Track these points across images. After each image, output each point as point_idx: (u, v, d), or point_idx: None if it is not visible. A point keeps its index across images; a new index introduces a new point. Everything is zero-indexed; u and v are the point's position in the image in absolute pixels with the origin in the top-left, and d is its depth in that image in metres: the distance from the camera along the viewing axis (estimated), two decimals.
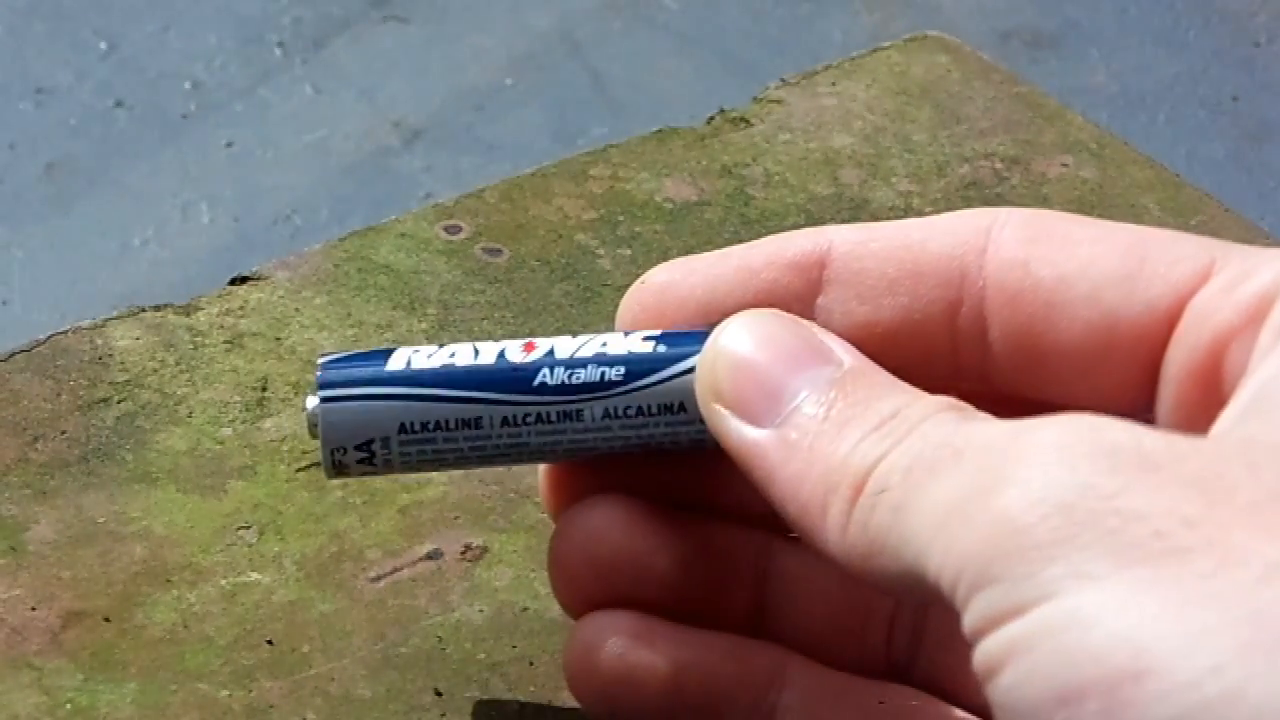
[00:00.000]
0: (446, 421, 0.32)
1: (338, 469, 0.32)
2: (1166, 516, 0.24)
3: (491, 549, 0.38)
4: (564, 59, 1.56)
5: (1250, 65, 1.53)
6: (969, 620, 0.25)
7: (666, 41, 1.54)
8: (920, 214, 0.49)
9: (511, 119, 1.50)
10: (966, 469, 0.27)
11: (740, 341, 0.31)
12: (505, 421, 0.32)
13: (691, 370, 0.31)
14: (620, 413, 0.32)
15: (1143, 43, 1.55)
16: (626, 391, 0.32)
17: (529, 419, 0.32)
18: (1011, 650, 0.24)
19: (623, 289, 0.34)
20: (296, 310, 0.44)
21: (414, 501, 0.39)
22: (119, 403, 0.41)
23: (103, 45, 1.60)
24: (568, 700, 0.34)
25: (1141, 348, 0.31)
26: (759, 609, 0.34)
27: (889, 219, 0.48)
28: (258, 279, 0.45)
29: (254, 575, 0.37)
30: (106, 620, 0.35)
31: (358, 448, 0.32)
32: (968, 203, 0.49)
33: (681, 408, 0.32)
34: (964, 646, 0.32)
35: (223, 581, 0.36)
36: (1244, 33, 1.57)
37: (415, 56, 1.61)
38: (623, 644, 0.32)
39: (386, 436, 0.31)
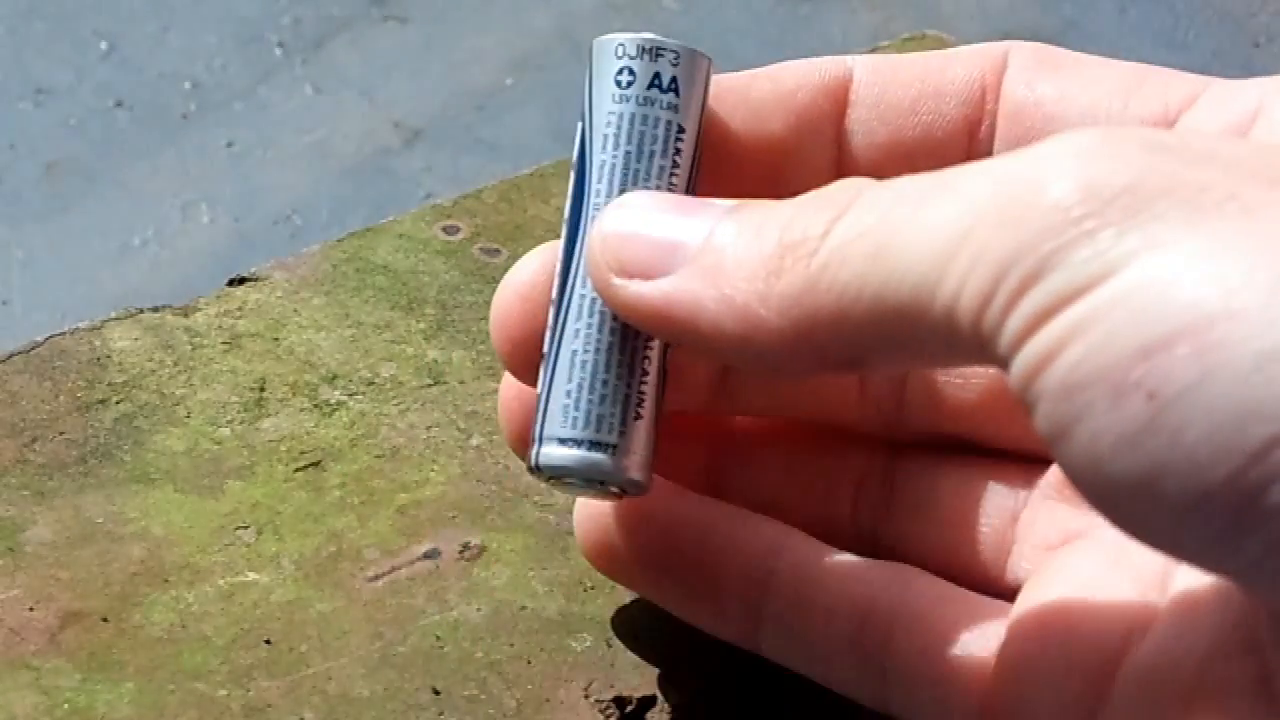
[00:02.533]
0: None
1: None
2: (1239, 184, 0.24)
3: (489, 548, 0.38)
4: (564, 59, 1.56)
5: (1250, 65, 1.53)
6: (1016, 322, 0.25)
7: None
8: None
9: (511, 119, 1.50)
10: (978, 187, 0.26)
11: (620, 218, 0.31)
12: None
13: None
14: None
15: (1143, 43, 1.55)
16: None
17: None
18: (1078, 327, 0.24)
19: None
20: (295, 311, 0.44)
21: (412, 501, 0.39)
22: (117, 403, 0.41)
23: (103, 45, 1.61)
24: (566, 699, 0.34)
25: None
26: (719, 472, 0.35)
27: None
28: (256, 280, 0.45)
29: (252, 575, 0.37)
30: (104, 620, 0.35)
31: None
32: None
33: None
34: (930, 510, 0.34)
35: (221, 581, 0.36)
36: (1244, 33, 1.58)
37: (415, 56, 1.61)
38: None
39: None
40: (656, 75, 0.32)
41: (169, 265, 1.39)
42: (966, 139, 0.33)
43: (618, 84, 0.32)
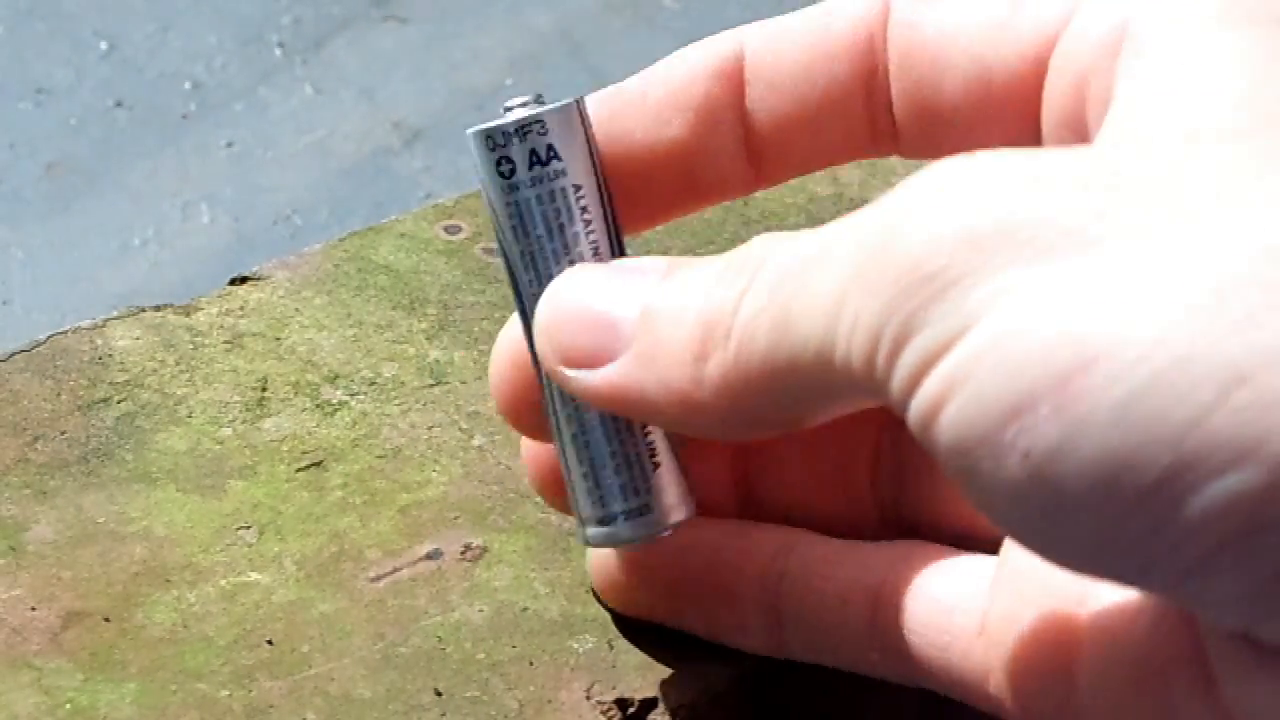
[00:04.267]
0: None
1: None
2: (1072, 214, 0.24)
3: (491, 549, 0.38)
4: (564, 59, 1.56)
5: None
6: (899, 382, 0.25)
7: (666, 41, 1.55)
8: None
9: None
10: (845, 250, 0.26)
11: (553, 309, 0.31)
12: None
13: None
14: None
15: None
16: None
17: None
18: (950, 385, 0.24)
19: None
20: (296, 310, 0.44)
21: (414, 501, 0.39)
22: (119, 403, 0.41)
23: (103, 45, 1.60)
24: (568, 700, 0.34)
25: (1016, 100, 0.31)
26: (746, 482, 0.35)
27: None
28: (257, 279, 0.45)
29: (254, 575, 0.37)
30: (106, 620, 0.35)
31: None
32: None
33: None
34: (934, 473, 0.33)
35: (222, 581, 0.36)
36: None
37: (415, 56, 1.61)
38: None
39: None
40: (533, 153, 0.32)
41: (169, 265, 1.39)
42: (864, 93, 0.33)
43: (501, 175, 0.32)
